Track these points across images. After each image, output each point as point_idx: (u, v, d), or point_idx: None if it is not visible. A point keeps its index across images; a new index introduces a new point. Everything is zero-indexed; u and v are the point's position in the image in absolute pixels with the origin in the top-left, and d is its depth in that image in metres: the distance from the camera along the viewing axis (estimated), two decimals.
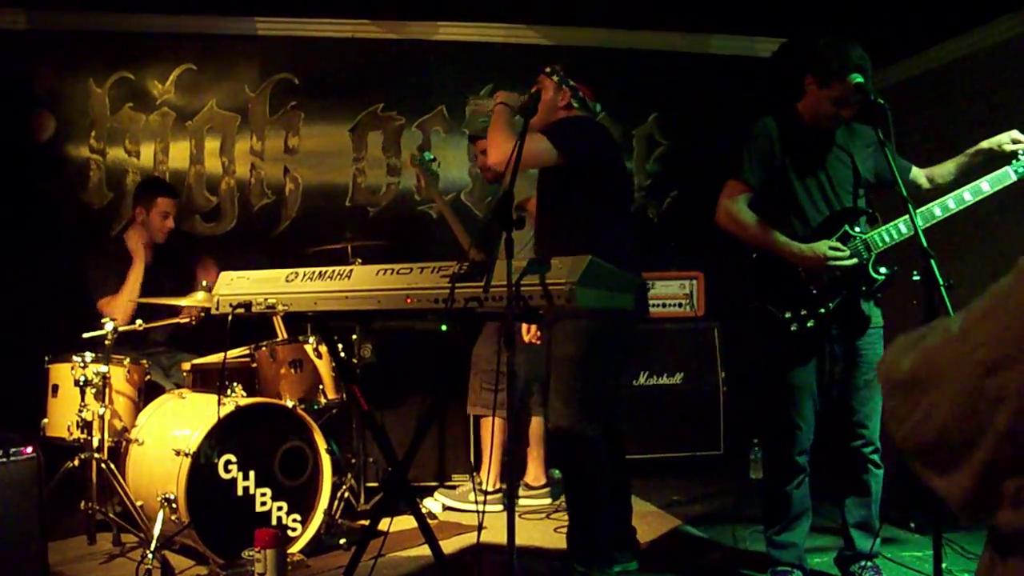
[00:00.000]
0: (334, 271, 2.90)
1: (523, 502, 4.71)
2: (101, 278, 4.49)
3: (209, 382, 4.05)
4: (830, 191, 3.27)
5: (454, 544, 3.99)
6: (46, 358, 3.94)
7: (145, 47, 5.42)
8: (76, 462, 3.77)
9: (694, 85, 5.94)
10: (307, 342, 4.14)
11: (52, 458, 3.52)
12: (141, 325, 4.08)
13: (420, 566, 3.69)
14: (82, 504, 3.78)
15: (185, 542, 3.65)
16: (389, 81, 5.67)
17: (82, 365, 3.76)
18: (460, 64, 5.68)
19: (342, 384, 4.16)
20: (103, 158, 5.39)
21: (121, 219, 5.36)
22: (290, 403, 3.89)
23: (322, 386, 4.12)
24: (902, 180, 3.29)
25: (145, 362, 4.08)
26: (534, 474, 4.81)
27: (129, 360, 3.95)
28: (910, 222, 3.12)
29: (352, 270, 2.89)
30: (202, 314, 4.21)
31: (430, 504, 4.59)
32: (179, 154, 5.48)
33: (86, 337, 4.00)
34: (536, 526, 4.34)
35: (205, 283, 4.12)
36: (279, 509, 3.71)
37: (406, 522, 3.79)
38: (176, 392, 3.99)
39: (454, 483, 4.96)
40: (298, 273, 2.94)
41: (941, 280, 2.55)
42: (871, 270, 3.20)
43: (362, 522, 4.13)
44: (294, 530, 3.76)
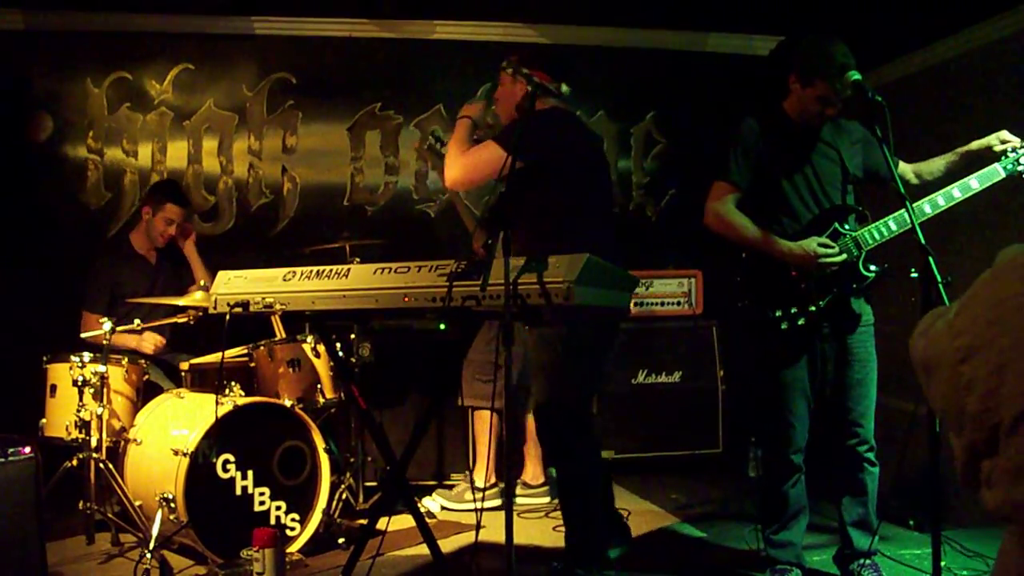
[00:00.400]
0: (332, 270, 2.90)
1: (521, 501, 4.71)
2: (95, 295, 4.48)
3: (207, 382, 4.04)
4: (818, 188, 3.27)
5: (452, 543, 3.99)
6: (44, 358, 3.93)
7: (143, 47, 5.42)
8: (74, 462, 3.77)
9: (692, 83, 5.93)
10: (305, 341, 4.14)
11: (50, 458, 3.53)
12: (139, 325, 4.07)
13: (418, 565, 3.69)
14: (80, 504, 3.78)
15: (184, 542, 3.65)
16: (387, 80, 5.67)
17: (80, 365, 3.76)
18: (458, 63, 5.67)
19: (340, 383, 4.16)
20: (101, 158, 5.39)
21: (119, 219, 5.35)
22: (288, 402, 3.89)
23: (320, 385, 4.12)
24: (889, 176, 3.30)
25: (143, 362, 4.08)
26: (532, 472, 4.81)
27: (127, 360, 3.95)
28: (900, 219, 3.14)
29: (350, 269, 2.89)
30: (200, 313, 4.21)
31: (428, 503, 4.59)
32: (177, 154, 5.48)
33: (84, 337, 4.00)
34: (535, 525, 4.34)
35: (203, 282, 4.12)
36: (277, 508, 3.71)
37: (404, 521, 3.79)
38: (174, 392, 3.99)
39: (452, 483, 4.95)
40: (296, 272, 2.94)
41: (939, 277, 2.55)
42: (861, 267, 3.20)
43: (360, 521, 4.13)
44: (292, 529, 3.76)
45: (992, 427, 1.05)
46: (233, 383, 3.82)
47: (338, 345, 4.00)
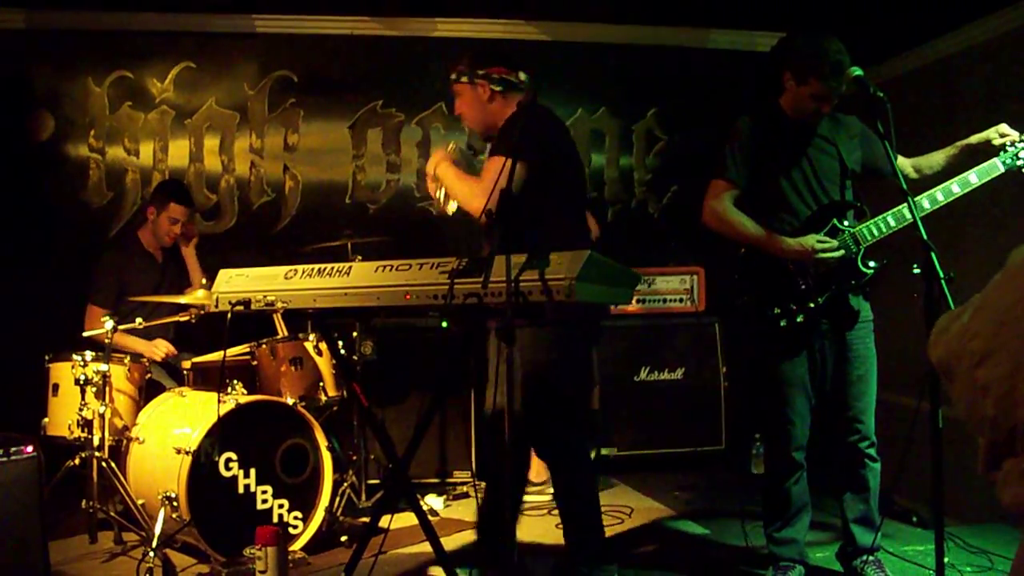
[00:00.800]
0: (333, 268, 2.89)
1: (524, 498, 4.69)
2: (103, 288, 4.46)
3: (209, 380, 4.04)
4: (816, 184, 3.26)
5: (455, 541, 3.99)
6: (46, 357, 3.93)
7: (144, 45, 5.42)
8: (77, 461, 3.77)
9: (694, 80, 5.93)
10: (307, 339, 4.14)
11: (53, 457, 3.53)
12: (141, 323, 4.07)
13: (421, 563, 3.68)
14: (83, 503, 3.78)
15: (186, 540, 3.65)
16: (388, 78, 5.67)
17: (82, 364, 3.75)
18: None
19: (342, 381, 4.16)
20: (102, 157, 5.39)
21: (121, 218, 5.36)
22: (291, 401, 3.89)
23: (322, 383, 4.12)
24: (888, 171, 3.29)
25: (145, 360, 4.08)
26: (535, 470, 4.80)
27: (129, 358, 3.95)
28: (899, 215, 3.14)
29: (351, 267, 2.88)
30: (202, 312, 4.21)
31: (431, 501, 4.59)
32: (178, 152, 5.48)
33: (86, 335, 4.00)
34: (538, 523, 4.34)
35: (204, 281, 4.12)
36: (280, 507, 3.71)
37: (407, 519, 3.79)
38: (176, 390, 3.99)
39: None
40: (297, 270, 2.94)
41: (942, 273, 2.54)
42: (860, 264, 3.20)
43: (363, 519, 4.14)
44: (295, 527, 3.76)
45: (1010, 429, 1.04)
46: (235, 381, 3.83)
47: (340, 343, 3.99)
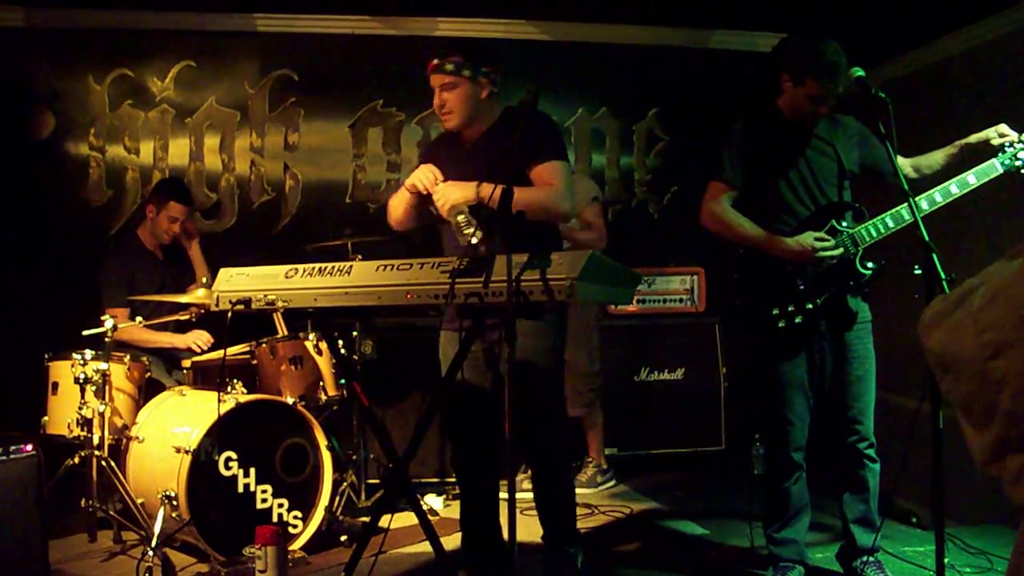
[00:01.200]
0: (334, 267, 2.89)
1: (522, 496, 4.69)
2: (113, 291, 4.43)
3: (209, 379, 4.05)
4: (814, 185, 3.26)
5: (456, 540, 3.98)
6: (46, 355, 3.94)
7: (144, 44, 5.42)
8: (76, 460, 3.77)
9: (695, 80, 5.93)
10: (307, 339, 4.13)
11: (52, 456, 3.53)
12: (142, 322, 4.07)
13: (421, 563, 3.68)
14: (83, 502, 3.78)
15: (186, 539, 3.65)
16: (389, 77, 5.66)
17: (82, 362, 3.75)
18: None
19: (343, 380, 4.15)
20: (103, 155, 5.39)
21: (121, 216, 5.36)
22: (290, 400, 3.89)
23: (322, 383, 4.12)
24: (886, 171, 3.29)
25: (145, 359, 4.08)
26: None
27: (129, 357, 3.95)
28: (897, 216, 3.14)
29: (352, 266, 2.88)
30: (202, 311, 4.21)
31: (430, 500, 4.58)
32: (179, 151, 5.48)
33: (86, 334, 3.99)
34: (535, 521, 4.32)
35: (205, 280, 4.12)
36: (280, 506, 3.71)
37: (407, 519, 3.79)
38: (176, 389, 3.99)
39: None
40: (298, 269, 2.93)
41: (943, 274, 2.53)
42: (858, 265, 3.20)
43: (363, 519, 4.13)
44: (295, 527, 3.75)
45: None
46: (235, 380, 3.82)
47: (340, 342, 3.99)
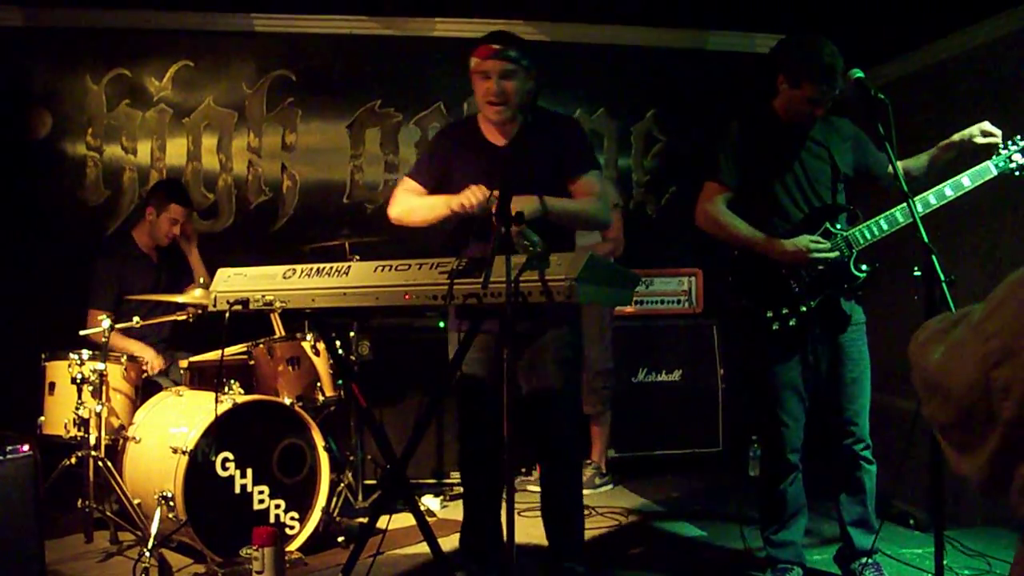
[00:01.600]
0: (332, 268, 2.88)
1: (523, 498, 4.68)
2: (101, 292, 4.43)
3: (206, 379, 4.04)
4: (808, 187, 3.26)
5: (453, 542, 3.97)
6: (43, 356, 3.92)
7: (142, 44, 5.41)
8: (73, 460, 3.76)
9: (692, 81, 5.93)
10: (305, 339, 4.12)
11: (49, 456, 3.52)
12: (138, 322, 4.06)
13: (418, 564, 3.68)
14: (79, 502, 3.77)
15: (183, 540, 3.64)
16: (387, 77, 5.66)
17: (79, 363, 3.74)
18: (458, 60, 5.58)
19: (340, 381, 4.15)
20: (100, 155, 5.38)
21: (118, 216, 5.35)
22: (288, 400, 3.88)
23: (320, 383, 4.11)
24: (880, 174, 3.29)
25: (144, 359, 4.06)
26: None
27: (126, 357, 3.94)
28: (891, 218, 3.15)
29: (350, 266, 2.87)
30: (199, 311, 4.20)
31: (428, 501, 4.58)
32: (176, 151, 5.47)
33: (83, 334, 3.98)
34: (535, 523, 4.32)
35: (202, 280, 4.11)
36: (277, 507, 3.70)
37: (405, 519, 3.78)
38: (173, 390, 3.97)
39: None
40: (296, 270, 2.93)
41: (942, 275, 2.53)
42: (852, 267, 3.20)
43: (360, 520, 4.13)
44: (292, 528, 3.75)
45: None
46: (232, 381, 3.81)
47: (338, 343, 3.99)
